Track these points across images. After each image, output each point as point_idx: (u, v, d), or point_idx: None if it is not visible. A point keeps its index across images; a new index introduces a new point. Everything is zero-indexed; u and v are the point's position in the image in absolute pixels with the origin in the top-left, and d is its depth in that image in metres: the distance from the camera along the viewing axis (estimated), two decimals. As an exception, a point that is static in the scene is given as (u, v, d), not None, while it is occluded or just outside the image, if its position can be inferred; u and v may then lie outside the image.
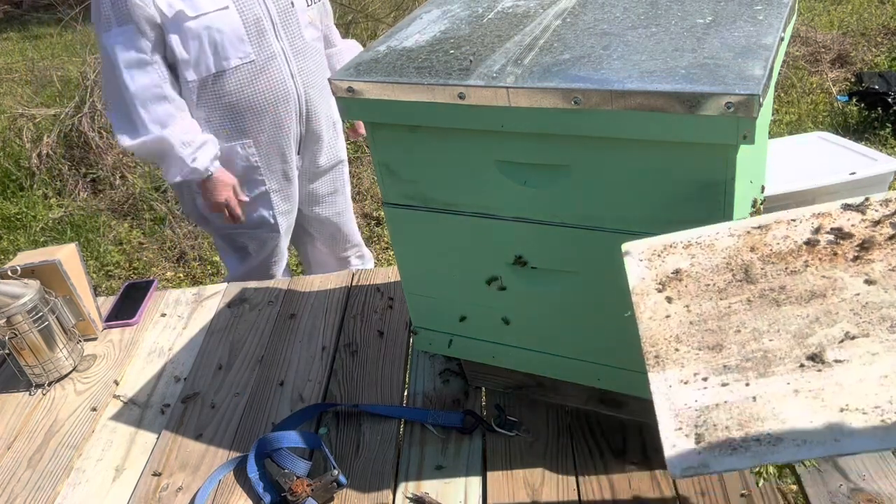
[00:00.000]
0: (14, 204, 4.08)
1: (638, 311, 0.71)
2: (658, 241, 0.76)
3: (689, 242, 0.76)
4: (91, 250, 3.64)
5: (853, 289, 0.67)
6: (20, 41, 7.58)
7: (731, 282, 0.71)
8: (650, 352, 0.67)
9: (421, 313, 1.24)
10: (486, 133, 0.97)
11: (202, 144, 1.87)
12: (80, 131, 4.19)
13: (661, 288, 0.72)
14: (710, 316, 0.68)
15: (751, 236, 0.75)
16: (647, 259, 0.75)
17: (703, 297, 0.70)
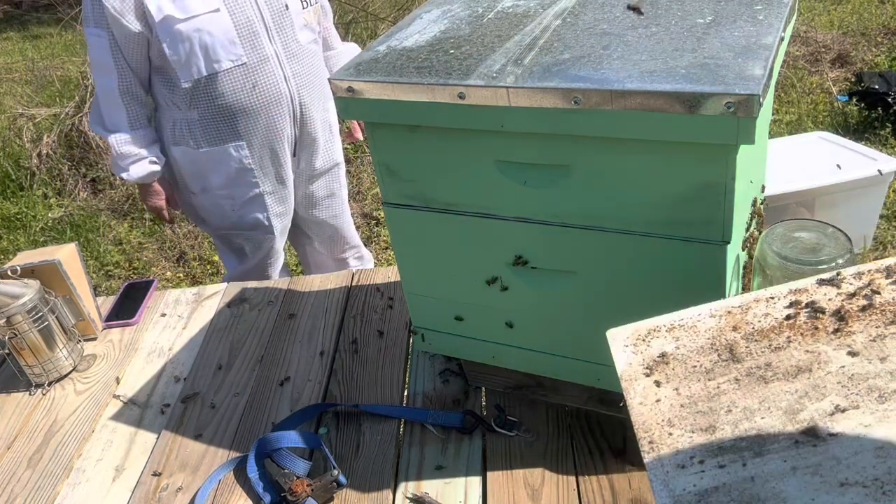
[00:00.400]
0: (14, 204, 4.08)
1: (628, 396, 0.71)
2: (642, 325, 0.78)
3: (673, 325, 0.77)
4: (91, 250, 3.64)
5: (838, 361, 0.68)
6: (20, 41, 7.58)
7: (717, 362, 0.72)
8: (644, 437, 0.67)
9: (421, 313, 1.24)
10: (486, 133, 0.97)
11: (139, 160, 1.93)
12: (80, 131, 4.19)
13: (649, 372, 0.73)
14: (700, 397, 0.69)
15: (732, 316, 0.76)
16: (632, 344, 0.76)
17: (691, 378, 0.71)
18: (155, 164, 1.96)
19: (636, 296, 1.02)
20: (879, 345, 0.68)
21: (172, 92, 1.89)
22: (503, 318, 1.16)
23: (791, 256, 0.94)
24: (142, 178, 1.95)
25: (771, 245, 0.96)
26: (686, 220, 0.93)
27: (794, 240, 0.96)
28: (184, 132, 1.95)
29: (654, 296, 1.00)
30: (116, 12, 1.76)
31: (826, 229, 0.97)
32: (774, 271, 0.95)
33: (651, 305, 1.02)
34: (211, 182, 2.02)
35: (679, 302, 0.99)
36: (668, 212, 0.93)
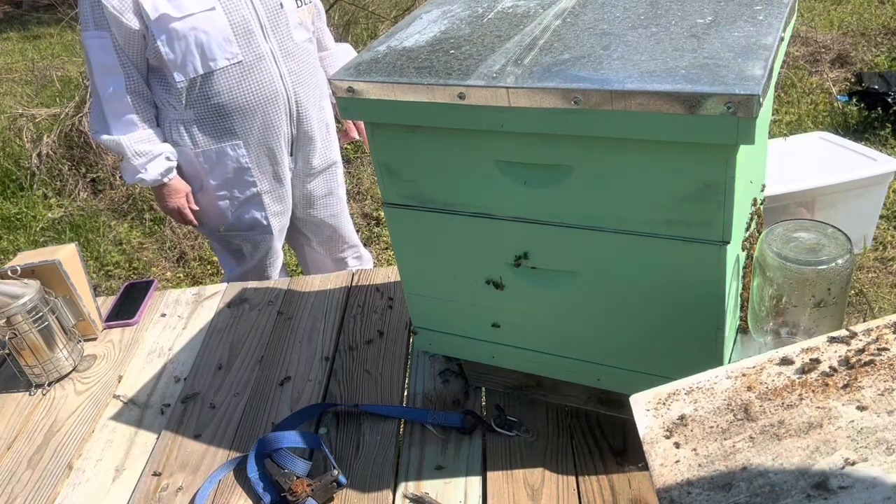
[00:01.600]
0: (14, 204, 4.08)
1: (650, 459, 0.75)
2: (663, 389, 0.82)
3: (691, 388, 0.81)
4: (91, 250, 3.64)
5: (847, 416, 0.71)
6: (20, 41, 7.58)
7: (732, 422, 0.75)
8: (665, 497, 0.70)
9: (421, 313, 1.24)
10: (486, 133, 0.97)
11: (155, 157, 1.92)
12: (80, 131, 4.19)
13: (669, 434, 0.76)
14: (716, 457, 0.72)
15: (746, 377, 0.79)
16: (653, 408, 0.80)
17: (708, 439, 0.74)
18: (170, 160, 1.95)
19: (636, 296, 1.02)
20: (887, 398, 0.71)
21: (168, 92, 1.89)
22: (503, 318, 1.16)
23: (791, 256, 0.94)
24: (160, 175, 1.94)
25: (771, 245, 0.96)
26: (686, 220, 0.93)
27: (794, 240, 0.96)
28: (180, 132, 1.94)
29: (654, 296, 1.01)
30: (116, 10, 1.76)
31: (826, 229, 0.97)
32: (774, 271, 0.95)
33: (651, 305, 1.02)
34: (208, 183, 2.02)
35: (679, 302, 0.99)
36: (667, 212, 0.93)
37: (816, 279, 0.93)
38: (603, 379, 1.14)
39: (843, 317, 0.99)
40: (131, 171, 1.94)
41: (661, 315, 1.02)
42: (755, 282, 1.01)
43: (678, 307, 1.00)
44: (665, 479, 0.71)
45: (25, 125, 4.35)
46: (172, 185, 1.99)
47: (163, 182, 1.97)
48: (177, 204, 2.02)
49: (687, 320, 1.00)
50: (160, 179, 1.95)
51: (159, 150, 1.92)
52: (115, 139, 1.89)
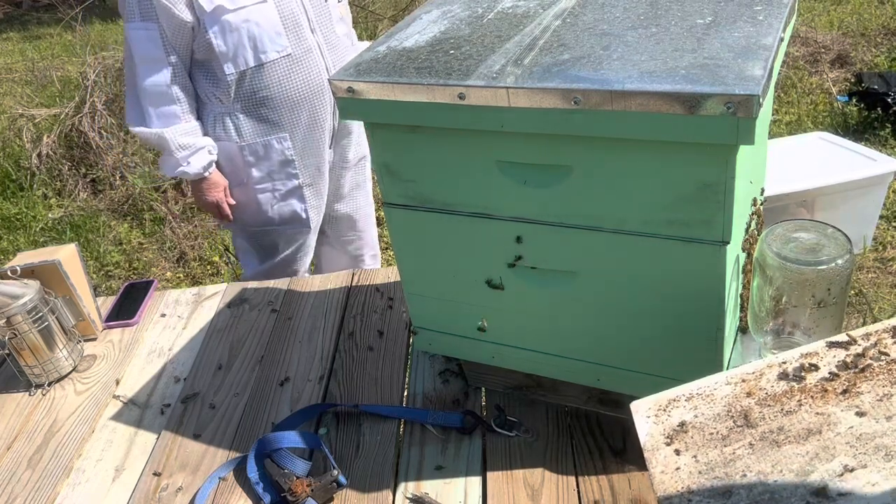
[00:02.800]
0: (14, 204, 4.08)
1: (650, 466, 0.75)
2: (663, 396, 0.82)
3: (691, 394, 0.81)
4: (91, 250, 3.64)
5: (846, 422, 0.71)
6: (20, 41, 7.58)
7: (732, 428, 0.75)
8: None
9: (421, 313, 1.24)
10: (486, 133, 0.97)
11: (198, 150, 1.91)
12: (80, 131, 4.19)
13: (669, 441, 0.76)
14: (716, 464, 0.72)
15: (746, 383, 0.80)
16: (653, 415, 0.80)
17: (708, 445, 0.75)
18: (212, 154, 1.94)
19: (636, 296, 1.02)
20: (886, 404, 0.71)
21: (215, 85, 1.88)
22: (503, 318, 1.16)
23: (791, 256, 0.94)
24: (203, 168, 1.93)
25: (771, 245, 0.96)
26: (686, 220, 0.93)
27: (793, 240, 0.96)
28: (225, 126, 1.93)
29: (654, 296, 1.01)
30: (168, 2, 1.75)
31: (826, 229, 0.97)
32: (774, 271, 0.95)
33: (651, 305, 1.02)
34: (250, 176, 2.00)
35: (679, 302, 0.99)
36: (667, 212, 0.93)
37: (816, 279, 0.93)
38: (603, 379, 1.14)
39: (842, 317, 0.99)
40: (172, 165, 1.92)
41: (661, 315, 1.02)
42: (755, 282, 1.01)
43: (678, 307, 1.00)
44: (666, 486, 0.71)
45: (25, 125, 4.35)
46: (212, 180, 1.97)
47: (204, 176, 1.95)
48: (216, 198, 2.00)
49: (687, 320, 1.00)
50: (202, 173, 1.93)
51: (202, 143, 1.91)
52: (157, 132, 1.87)
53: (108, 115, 4.25)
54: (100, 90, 4.31)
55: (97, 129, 4.18)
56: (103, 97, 4.31)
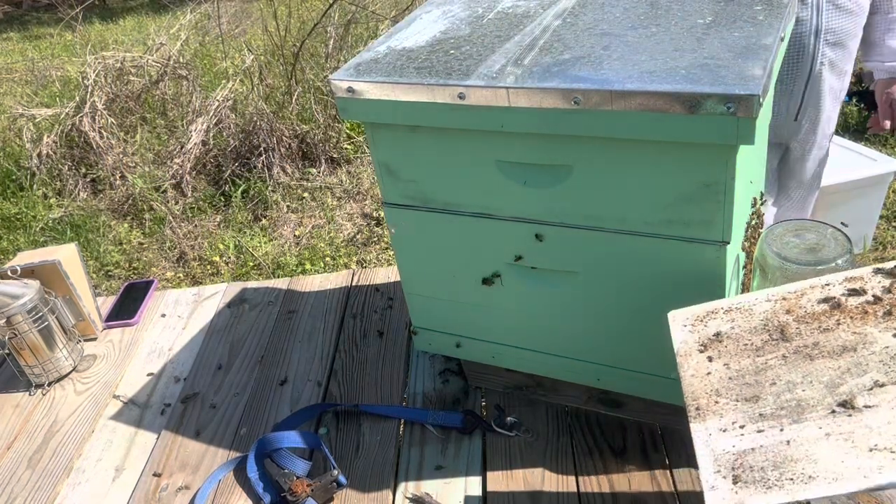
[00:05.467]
0: (14, 204, 4.08)
1: (681, 370, 0.77)
2: (701, 308, 0.84)
3: (730, 308, 0.82)
4: (91, 250, 3.64)
5: (882, 342, 0.72)
6: (20, 41, 7.58)
7: (767, 341, 0.77)
8: (692, 405, 0.73)
9: (421, 313, 1.24)
10: (486, 133, 0.97)
11: None
12: (80, 131, 4.19)
13: (703, 349, 0.78)
14: (747, 371, 0.74)
15: (787, 301, 0.81)
16: (690, 325, 0.82)
17: (741, 355, 0.76)
18: None
19: (636, 296, 1.02)
20: None
21: None
22: (503, 318, 1.16)
23: (791, 256, 0.94)
24: None
25: (771, 245, 0.96)
26: (686, 220, 0.93)
27: (794, 240, 0.96)
28: None
29: (655, 296, 1.01)
30: None
31: (826, 229, 0.97)
32: (774, 271, 0.95)
33: (651, 306, 1.02)
34: None
35: (679, 302, 0.99)
36: (667, 212, 0.93)
37: (816, 279, 0.93)
38: (603, 379, 1.14)
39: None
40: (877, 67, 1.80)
41: (662, 315, 1.02)
42: (755, 282, 1.01)
43: (678, 307, 1.00)
44: (694, 388, 0.73)
45: (25, 125, 4.35)
46: None
47: None
48: None
49: (687, 320, 1.00)
50: None
51: None
52: None
53: (109, 114, 4.25)
54: (100, 90, 4.32)
55: (97, 129, 4.18)
56: (103, 97, 4.31)
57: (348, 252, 3.42)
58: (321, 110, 4.18)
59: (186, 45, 5.02)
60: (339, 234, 3.58)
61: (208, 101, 4.23)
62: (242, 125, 4.13)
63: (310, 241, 3.55)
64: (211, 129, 4.10)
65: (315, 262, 3.38)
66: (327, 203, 3.81)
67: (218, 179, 4.03)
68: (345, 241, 3.50)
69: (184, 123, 4.29)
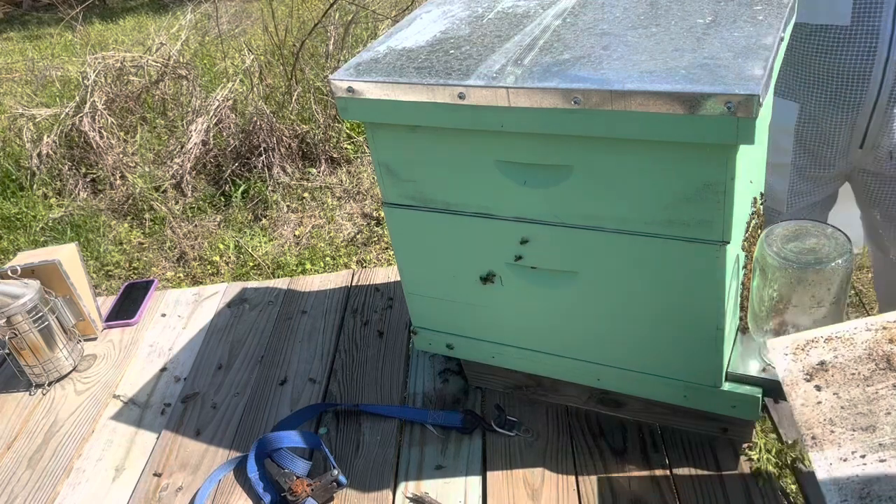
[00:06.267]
0: (14, 204, 4.08)
1: (791, 398, 0.77)
2: (801, 336, 0.84)
3: (830, 337, 0.83)
4: (91, 250, 3.64)
5: None
6: (20, 41, 7.58)
7: (874, 370, 0.77)
8: (807, 434, 0.73)
9: (421, 313, 1.24)
10: (486, 133, 0.97)
11: None
12: (80, 131, 4.19)
13: (809, 378, 0.78)
14: (859, 401, 0.74)
15: (888, 330, 0.81)
16: (791, 353, 0.82)
17: (850, 384, 0.76)
18: None
19: (636, 296, 1.02)
20: None
21: None
22: (503, 318, 1.16)
23: (791, 256, 0.94)
24: None
25: (771, 245, 0.96)
26: (686, 220, 0.93)
27: (793, 240, 0.96)
28: None
29: (655, 296, 1.01)
30: None
31: (826, 229, 0.97)
32: (774, 271, 0.95)
33: (651, 305, 1.02)
34: None
35: (679, 302, 0.99)
36: (667, 212, 0.93)
37: (816, 279, 0.93)
38: (603, 379, 1.14)
39: (842, 317, 0.99)
40: None
41: (661, 315, 1.02)
42: (755, 282, 1.01)
43: (678, 307, 1.00)
44: (807, 417, 0.73)
45: (25, 125, 4.35)
46: None
47: None
48: None
49: (687, 320, 1.00)
50: None
51: None
52: None
53: (109, 114, 4.25)
54: (100, 90, 4.32)
55: (97, 129, 4.18)
56: (103, 97, 4.31)
57: (348, 252, 3.42)
58: (321, 110, 4.17)
59: (186, 45, 5.02)
60: (339, 234, 3.58)
61: (208, 101, 4.22)
62: (242, 125, 4.13)
63: (310, 241, 3.55)
64: (211, 129, 4.10)
65: (315, 262, 3.38)
66: (327, 203, 3.81)
67: (218, 179, 4.03)
68: (345, 241, 3.50)
69: (184, 123, 4.29)
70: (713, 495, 1.08)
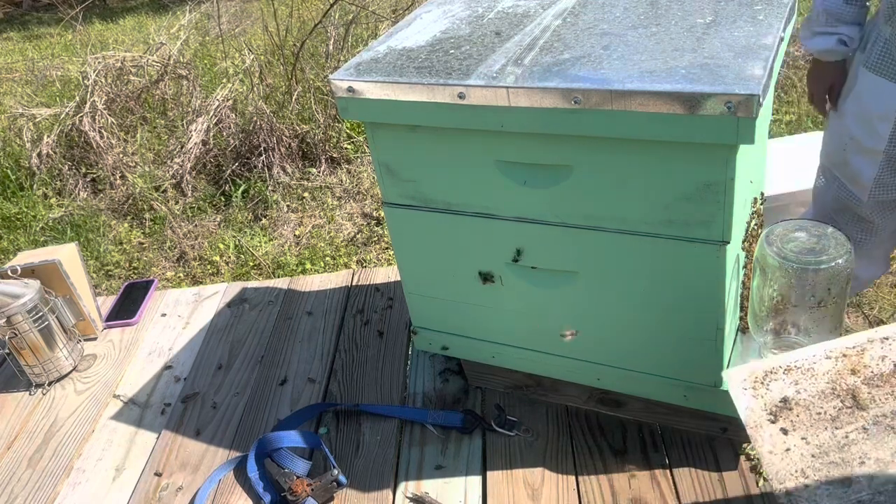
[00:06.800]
0: (14, 204, 4.08)
1: (756, 444, 0.72)
2: (758, 367, 0.79)
3: (789, 366, 0.78)
4: (91, 250, 3.64)
5: None
6: (20, 41, 7.58)
7: (841, 409, 0.73)
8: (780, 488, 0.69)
9: (421, 313, 1.24)
10: (486, 133, 0.97)
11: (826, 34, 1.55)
12: (80, 131, 4.19)
13: (774, 418, 0.74)
14: (830, 447, 0.70)
15: (848, 358, 0.77)
16: (751, 387, 0.78)
17: (817, 426, 0.72)
18: (844, 45, 1.55)
19: (636, 295, 1.02)
20: None
21: None
22: (503, 318, 1.16)
23: (791, 256, 0.94)
24: (819, 52, 1.58)
25: (771, 245, 0.96)
26: (686, 220, 0.93)
27: (793, 240, 0.96)
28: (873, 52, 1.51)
29: (655, 296, 1.01)
30: None
31: (826, 229, 0.97)
32: (774, 271, 0.95)
33: (651, 305, 1.02)
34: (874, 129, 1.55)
35: (679, 302, 0.99)
36: (668, 212, 0.93)
37: (816, 279, 0.93)
38: (603, 379, 1.14)
39: (842, 317, 0.99)
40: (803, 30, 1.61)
41: (661, 315, 1.02)
42: (755, 282, 1.01)
43: (678, 307, 1.00)
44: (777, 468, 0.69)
45: (25, 125, 4.34)
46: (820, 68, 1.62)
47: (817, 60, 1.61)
48: (813, 88, 1.67)
49: (687, 320, 1.00)
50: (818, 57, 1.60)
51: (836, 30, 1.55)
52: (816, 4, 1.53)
53: (109, 114, 4.25)
54: (100, 90, 4.31)
55: (97, 129, 4.18)
56: (103, 97, 4.30)
57: (348, 252, 3.42)
58: (321, 110, 4.17)
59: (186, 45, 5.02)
60: (339, 233, 3.58)
61: (208, 101, 4.22)
62: (242, 125, 4.13)
63: (310, 240, 3.55)
64: (211, 129, 4.10)
65: (315, 262, 3.38)
66: (327, 203, 3.81)
67: (218, 179, 4.03)
68: (345, 241, 3.50)
69: (184, 123, 4.29)
70: (713, 495, 1.08)
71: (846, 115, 1.60)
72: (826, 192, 1.76)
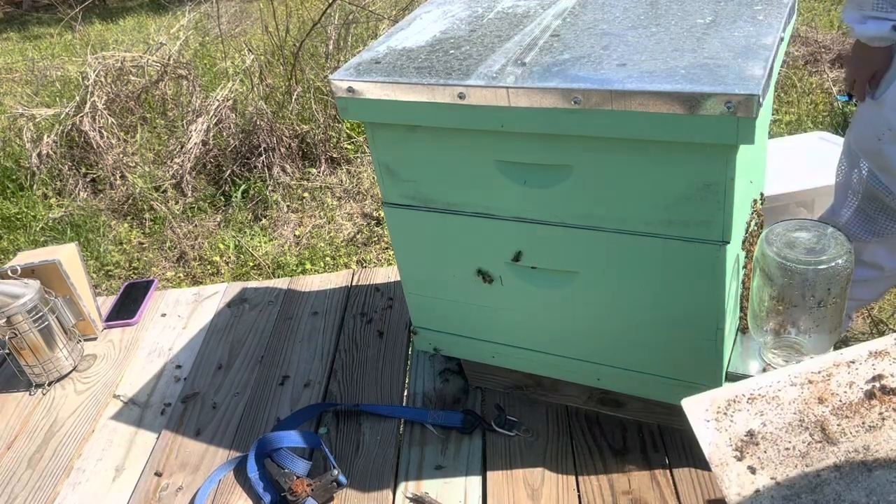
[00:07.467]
0: (14, 204, 4.08)
1: (723, 485, 0.67)
2: (719, 394, 0.74)
3: (752, 395, 0.74)
4: (91, 250, 3.64)
5: None
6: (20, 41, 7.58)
7: (811, 444, 0.68)
8: None
9: (421, 313, 1.24)
10: (486, 133, 0.97)
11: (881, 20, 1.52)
12: (80, 131, 4.19)
13: (740, 455, 0.69)
14: (802, 489, 0.65)
15: (814, 385, 0.73)
16: (713, 419, 0.72)
17: (786, 464, 0.67)
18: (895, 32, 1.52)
19: (636, 296, 1.02)
20: None
21: None
22: (503, 318, 1.16)
23: (791, 256, 0.94)
24: (870, 38, 1.55)
25: (771, 245, 0.96)
26: (686, 220, 0.93)
27: (793, 240, 0.96)
28: None
29: (655, 296, 1.01)
30: None
31: (826, 229, 0.97)
32: (774, 271, 0.95)
33: (651, 305, 1.02)
34: None
35: (679, 302, 0.99)
36: (668, 212, 0.93)
37: (816, 279, 0.93)
38: (603, 379, 1.14)
39: (842, 317, 0.99)
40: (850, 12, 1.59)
41: (661, 315, 1.02)
42: (755, 282, 1.01)
43: (678, 307, 1.00)
44: None
45: (25, 125, 4.34)
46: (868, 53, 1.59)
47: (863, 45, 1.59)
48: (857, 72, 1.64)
49: (687, 320, 1.00)
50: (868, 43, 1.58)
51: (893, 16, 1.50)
52: None
53: (109, 114, 4.25)
54: (100, 90, 4.31)
55: (97, 129, 4.18)
56: (103, 97, 4.31)
57: (348, 252, 3.42)
58: (321, 110, 4.17)
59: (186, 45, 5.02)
60: (339, 233, 3.58)
61: (208, 101, 4.22)
62: (242, 125, 4.13)
63: (310, 240, 3.55)
64: (211, 129, 4.10)
65: (315, 262, 3.38)
66: (327, 203, 3.80)
67: (218, 179, 4.03)
68: (345, 241, 3.50)
69: (184, 123, 4.29)
70: (713, 495, 1.08)
71: (886, 103, 1.56)
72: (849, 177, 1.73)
